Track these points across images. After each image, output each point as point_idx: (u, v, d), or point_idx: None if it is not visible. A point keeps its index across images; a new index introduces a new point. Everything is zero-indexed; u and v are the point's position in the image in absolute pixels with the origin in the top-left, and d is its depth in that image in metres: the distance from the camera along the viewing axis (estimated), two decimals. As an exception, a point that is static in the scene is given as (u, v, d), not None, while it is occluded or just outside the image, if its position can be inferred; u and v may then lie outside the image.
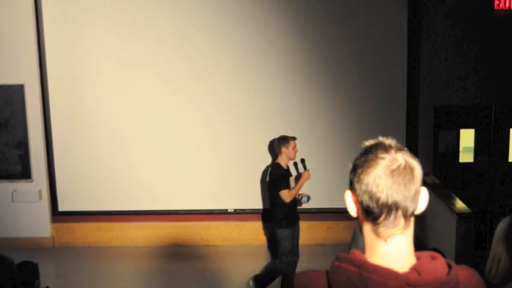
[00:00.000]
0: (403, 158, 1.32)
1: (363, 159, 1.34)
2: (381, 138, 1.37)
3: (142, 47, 6.60)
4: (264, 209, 6.81)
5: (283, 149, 5.52)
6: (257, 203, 6.86)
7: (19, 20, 6.54)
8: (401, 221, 1.33)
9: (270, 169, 5.61)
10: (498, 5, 6.49)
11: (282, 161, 5.54)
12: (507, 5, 6.48)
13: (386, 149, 1.33)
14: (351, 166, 1.38)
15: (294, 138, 5.58)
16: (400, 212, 1.32)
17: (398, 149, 1.34)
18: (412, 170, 1.31)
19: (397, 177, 1.30)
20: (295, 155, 5.61)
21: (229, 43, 6.61)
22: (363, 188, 1.33)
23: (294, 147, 5.54)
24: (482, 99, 6.66)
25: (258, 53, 6.64)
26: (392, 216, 1.32)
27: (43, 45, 6.62)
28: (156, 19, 6.57)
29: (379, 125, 6.57)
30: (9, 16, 6.54)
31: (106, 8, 6.56)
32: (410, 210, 1.32)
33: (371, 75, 6.66)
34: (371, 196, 1.32)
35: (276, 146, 5.68)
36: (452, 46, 6.57)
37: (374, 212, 1.32)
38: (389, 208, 1.31)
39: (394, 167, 1.30)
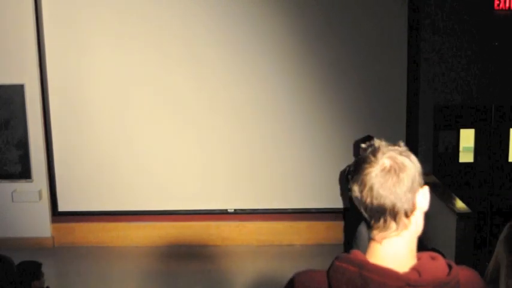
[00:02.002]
0: (390, 160, 1.31)
1: (354, 165, 1.37)
2: (374, 140, 1.37)
3: (143, 46, 6.60)
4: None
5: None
6: (257, 203, 6.87)
7: (19, 20, 6.54)
8: (392, 224, 1.33)
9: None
10: (498, 5, 6.49)
11: None
12: (507, 5, 6.48)
13: (374, 152, 1.34)
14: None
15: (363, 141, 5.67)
16: (388, 216, 1.31)
17: (387, 151, 1.33)
18: (397, 172, 1.30)
19: (380, 181, 1.30)
20: None
21: (229, 43, 6.60)
22: (353, 193, 1.35)
23: None
24: (482, 99, 6.66)
25: (258, 52, 6.63)
26: (381, 220, 1.32)
27: (43, 45, 6.62)
28: (156, 19, 6.57)
29: (379, 125, 6.57)
30: (9, 16, 6.54)
31: (106, 8, 6.56)
32: (400, 212, 1.31)
33: (371, 75, 6.66)
34: (359, 201, 1.34)
35: (354, 146, 5.85)
36: (452, 46, 6.57)
37: (365, 217, 1.34)
38: (376, 212, 1.32)
39: (378, 171, 1.30)
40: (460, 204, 5.60)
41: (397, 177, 1.30)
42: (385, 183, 1.30)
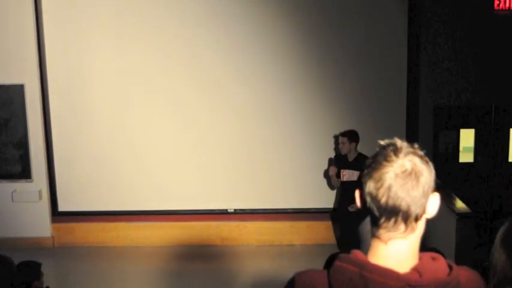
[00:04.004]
0: (410, 163, 1.31)
1: (372, 161, 1.35)
2: (395, 139, 1.36)
3: (143, 46, 6.60)
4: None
5: None
6: (257, 203, 6.87)
7: (19, 20, 6.54)
8: (402, 226, 1.32)
9: None
10: (498, 5, 6.49)
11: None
12: (507, 5, 6.48)
13: (395, 152, 1.32)
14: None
15: (341, 135, 6.15)
16: (400, 217, 1.31)
17: (408, 153, 1.32)
18: (417, 176, 1.30)
19: (400, 182, 1.29)
20: (342, 150, 6.16)
21: (229, 43, 6.60)
22: (367, 189, 1.33)
23: (341, 143, 6.14)
24: (482, 99, 6.66)
25: (258, 53, 6.62)
26: (392, 221, 1.32)
27: (43, 45, 6.62)
28: (156, 19, 6.57)
29: (379, 125, 6.57)
30: (9, 16, 6.53)
31: (105, 8, 6.56)
32: (412, 215, 1.31)
33: (371, 75, 6.66)
34: (372, 198, 1.32)
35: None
36: (453, 46, 6.57)
37: (375, 214, 1.33)
38: (389, 212, 1.31)
39: (398, 172, 1.30)
40: (460, 204, 5.60)
41: (417, 181, 1.30)
42: (405, 185, 1.29)
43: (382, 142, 1.37)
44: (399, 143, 1.35)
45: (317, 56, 6.63)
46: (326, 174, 6.72)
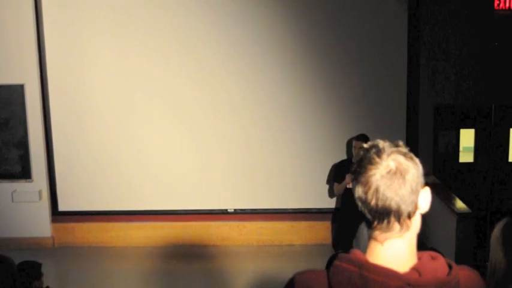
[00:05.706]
0: (395, 162, 1.31)
1: (357, 166, 1.36)
2: (377, 141, 1.37)
3: (143, 46, 6.60)
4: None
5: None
6: (257, 203, 6.87)
7: (19, 20, 6.54)
8: (396, 225, 1.33)
9: None
10: (498, 5, 6.49)
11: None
12: (507, 5, 6.48)
13: (378, 154, 1.33)
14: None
15: (356, 139, 5.87)
16: (392, 217, 1.32)
17: (392, 152, 1.32)
18: (403, 174, 1.30)
19: (386, 183, 1.30)
20: (358, 155, 5.81)
21: (230, 45, 6.60)
22: (356, 194, 1.35)
23: (356, 147, 5.86)
24: (482, 99, 6.66)
25: (257, 54, 6.63)
26: (385, 222, 1.32)
27: (43, 45, 6.62)
28: (157, 18, 6.57)
29: (379, 125, 6.58)
30: (9, 16, 6.54)
31: (105, 8, 6.56)
32: (404, 214, 1.32)
33: (370, 75, 6.66)
34: (362, 202, 1.33)
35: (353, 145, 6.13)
36: (452, 46, 6.57)
37: (368, 218, 1.34)
38: (380, 214, 1.32)
39: (384, 173, 1.30)
40: (460, 204, 5.60)
41: (403, 179, 1.30)
42: (391, 185, 1.30)
43: (365, 145, 1.38)
44: (381, 143, 1.35)
45: (317, 56, 6.63)
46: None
